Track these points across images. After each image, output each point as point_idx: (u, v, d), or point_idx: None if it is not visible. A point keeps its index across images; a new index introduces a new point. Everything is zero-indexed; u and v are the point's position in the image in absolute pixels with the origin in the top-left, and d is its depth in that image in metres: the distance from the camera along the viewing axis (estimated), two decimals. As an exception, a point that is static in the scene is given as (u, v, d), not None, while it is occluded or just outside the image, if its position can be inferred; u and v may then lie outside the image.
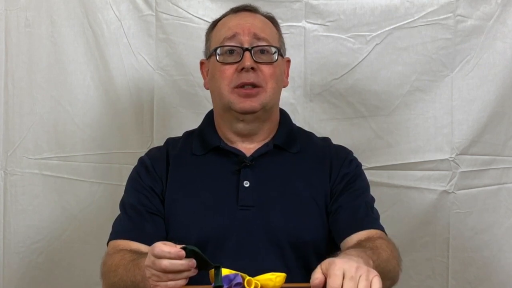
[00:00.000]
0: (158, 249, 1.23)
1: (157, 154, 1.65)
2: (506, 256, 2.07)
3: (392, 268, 1.41)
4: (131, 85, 2.09)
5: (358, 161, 1.66)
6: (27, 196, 2.10)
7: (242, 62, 1.54)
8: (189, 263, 1.22)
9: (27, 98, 2.09)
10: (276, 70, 1.58)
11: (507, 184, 2.07)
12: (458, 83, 2.05)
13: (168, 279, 1.23)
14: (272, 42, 1.59)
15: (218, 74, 1.57)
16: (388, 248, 1.44)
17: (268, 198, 1.54)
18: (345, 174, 1.59)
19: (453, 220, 2.07)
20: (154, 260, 1.23)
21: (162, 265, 1.22)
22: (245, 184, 1.55)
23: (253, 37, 1.56)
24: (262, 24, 1.62)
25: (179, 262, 1.22)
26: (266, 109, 1.58)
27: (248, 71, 1.54)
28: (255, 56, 1.55)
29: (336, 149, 1.66)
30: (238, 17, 1.62)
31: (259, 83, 1.55)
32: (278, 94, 1.63)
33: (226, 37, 1.57)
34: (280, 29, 1.69)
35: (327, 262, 1.17)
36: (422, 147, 2.06)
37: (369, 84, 2.06)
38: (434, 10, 2.04)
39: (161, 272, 1.23)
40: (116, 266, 1.44)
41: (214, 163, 1.60)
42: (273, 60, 1.57)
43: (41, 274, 2.11)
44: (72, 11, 2.08)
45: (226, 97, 1.56)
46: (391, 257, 1.41)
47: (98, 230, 2.01)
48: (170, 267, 1.22)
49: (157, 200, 1.58)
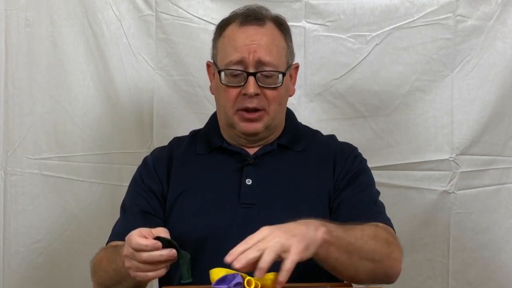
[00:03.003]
0: (135, 242, 1.25)
1: (161, 154, 1.65)
2: (507, 256, 2.07)
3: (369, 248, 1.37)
4: (131, 85, 2.09)
5: (363, 157, 1.65)
6: (27, 196, 2.10)
7: (246, 88, 1.52)
8: (170, 253, 1.25)
9: (27, 98, 2.10)
10: (280, 92, 1.56)
11: (507, 184, 2.07)
12: (458, 83, 2.05)
13: (148, 270, 1.26)
14: (278, 64, 1.55)
15: (222, 93, 1.56)
16: (371, 230, 1.40)
17: (270, 196, 1.54)
18: (349, 170, 1.58)
19: (454, 221, 2.06)
20: (133, 252, 1.26)
21: (142, 257, 1.25)
22: (248, 182, 1.54)
23: (258, 61, 1.53)
24: (270, 41, 1.56)
25: (159, 253, 1.25)
26: (269, 129, 1.58)
27: (252, 97, 1.53)
28: (259, 80, 1.53)
29: (341, 146, 1.66)
30: (245, 34, 1.55)
31: (262, 107, 1.54)
32: (283, 112, 1.62)
33: (232, 61, 1.54)
34: (289, 34, 1.63)
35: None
36: (422, 147, 2.06)
37: (369, 84, 2.06)
38: (434, 10, 2.04)
39: (140, 263, 1.26)
40: (101, 260, 1.48)
41: (217, 161, 1.60)
42: (277, 84, 1.55)
43: (41, 274, 2.11)
44: (72, 11, 2.08)
45: (230, 118, 1.56)
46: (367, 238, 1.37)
47: (98, 230, 2.02)
48: (149, 258, 1.25)
49: (155, 202, 1.58)
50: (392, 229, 1.52)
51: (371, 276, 1.40)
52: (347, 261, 1.34)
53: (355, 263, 1.35)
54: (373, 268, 1.39)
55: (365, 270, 1.38)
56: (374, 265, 1.39)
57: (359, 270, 1.37)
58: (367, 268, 1.38)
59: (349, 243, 1.33)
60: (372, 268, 1.39)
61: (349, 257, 1.34)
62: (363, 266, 1.37)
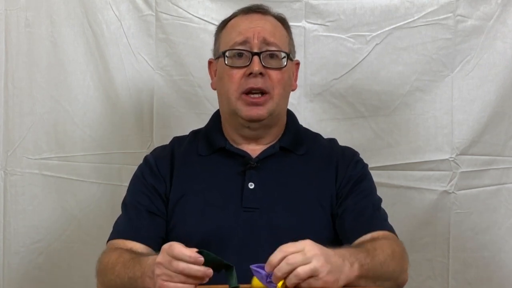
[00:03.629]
0: (178, 250, 1.22)
1: (162, 153, 1.65)
2: (507, 256, 2.07)
3: (391, 270, 1.40)
4: (131, 85, 2.09)
5: (364, 162, 1.66)
6: (27, 196, 2.10)
7: (250, 67, 1.53)
8: (206, 271, 1.22)
9: (27, 98, 2.09)
10: (284, 76, 1.57)
11: (507, 184, 2.06)
12: (458, 83, 2.05)
13: (180, 281, 1.23)
14: (282, 46, 1.58)
15: (226, 77, 1.56)
16: (389, 249, 1.42)
17: (272, 200, 1.54)
18: (351, 176, 1.58)
19: (454, 221, 2.06)
20: (170, 260, 1.22)
21: (180, 267, 1.21)
22: (250, 186, 1.54)
23: (262, 41, 1.55)
24: (273, 27, 1.60)
25: (196, 268, 1.21)
26: (273, 116, 1.57)
27: (256, 76, 1.53)
28: (264, 61, 1.54)
29: (343, 150, 1.66)
30: (249, 20, 1.60)
31: (267, 88, 1.54)
32: (286, 99, 1.62)
33: (236, 42, 1.56)
34: (290, 31, 1.67)
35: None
36: (422, 147, 2.06)
37: (369, 84, 2.06)
38: (434, 10, 2.04)
39: (174, 272, 1.22)
40: (114, 264, 1.44)
41: (219, 163, 1.59)
42: (282, 65, 1.56)
43: (41, 274, 2.11)
44: (72, 11, 2.08)
45: (233, 103, 1.55)
46: (389, 259, 1.39)
47: (98, 230, 2.02)
48: (187, 270, 1.21)
49: (158, 200, 1.57)
50: (396, 236, 1.54)
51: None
52: (371, 285, 1.35)
53: (377, 285, 1.36)
54: (389, 286, 1.41)
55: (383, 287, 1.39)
56: (391, 283, 1.41)
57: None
58: (385, 286, 1.39)
59: (375, 271, 1.34)
60: (389, 286, 1.41)
61: (373, 282, 1.35)
62: (383, 285, 1.38)
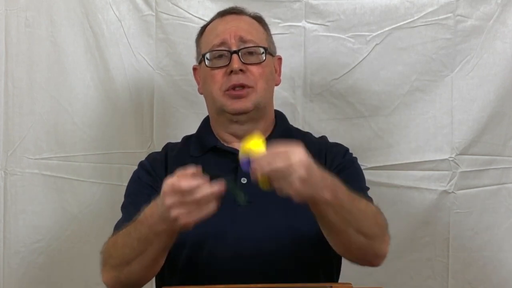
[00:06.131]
0: (185, 184, 1.23)
1: (157, 156, 1.68)
2: (506, 256, 2.07)
3: (367, 224, 1.38)
4: (131, 85, 2.09)
5: (354, 156, 1.67)
6: (27, 196, 2.10)
7: (230, 65, 1.57)
8: (219, 185, 1.24)
9: (27, 98, 2.09)
10: (265, 70, 1.61)
11: (507, 184, 2.07)
12: (458, 83, 2.05)
13: (202, 209, 1.24)
14: (259, 42, 1.62)
15: (209, 78, 1.61)
16: (374, 211, 1.42)
17: (266, 194, 1.54)
18: (339, 163, 1.60)
19: (453, 220, 2.06)
20: (181, 197, 1.23)
21: (197, 196, 1.23)
22: (243, 181, 1.55)
23: (239, 39, 1.59)
24: (248, 25, 1.64)
25: (209, 189, 1.23)
26: (259, 108, 1.60)
27: (237, 73, 1.57)
28: (243, 58, 1.58)
29: (332, 144, 1.69)
30: (224, 22, 1.65)
31: (249, 83, 1.58)
32: (270, 93, 1.65)
33: (215, 44, 1.60)
34: (268, 28, 1.70)
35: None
36: (422, 147, 2.06)
37: (369, 84, 2.06)
38: (434, 10, 2.04)
39: (193, 205, 1.24)
40: (114, 242, 1.44)
41: (212, 162, 1.60)
42: (261, 60, 1.60)
43: (41, 274, 2.11)
44: (72, 11, 2.08)
45: (218, 101, 1.59)
46: (370, 214, 1.39)
47: (98, 230, 2.02)
48: (204, 194, 1.23)
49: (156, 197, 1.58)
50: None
51: (362, 252, 1.41)
52: (341, 226, 1.34)
53: (349, 233, 1.35)
54: (365, 244, 1.39)
55: (358, 243, 1.38)
56: (367, 241, 1.39)
57: (352, 241, 1.37)
58: (360, 242, 1.38)
59: (350, 211, 1.34)
60: (365, 244, 1.39)
61: (344, 225, 1.34)
62: (357, 239, 1.37)
